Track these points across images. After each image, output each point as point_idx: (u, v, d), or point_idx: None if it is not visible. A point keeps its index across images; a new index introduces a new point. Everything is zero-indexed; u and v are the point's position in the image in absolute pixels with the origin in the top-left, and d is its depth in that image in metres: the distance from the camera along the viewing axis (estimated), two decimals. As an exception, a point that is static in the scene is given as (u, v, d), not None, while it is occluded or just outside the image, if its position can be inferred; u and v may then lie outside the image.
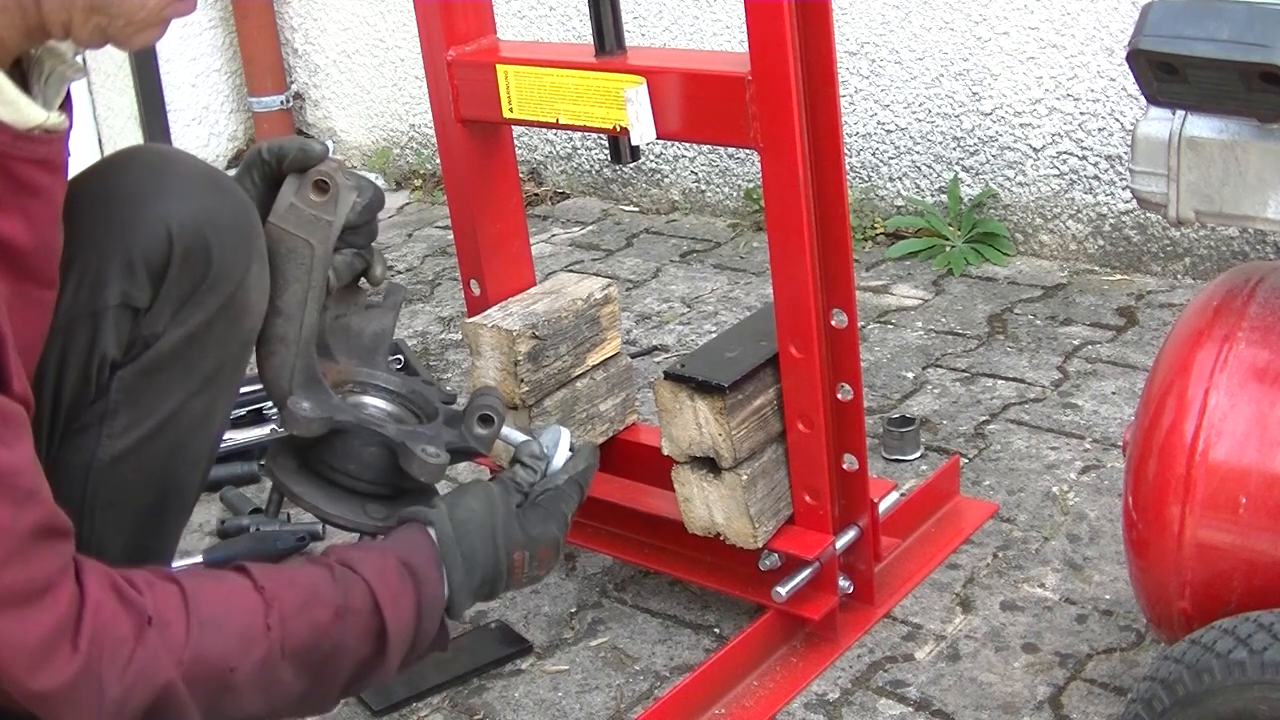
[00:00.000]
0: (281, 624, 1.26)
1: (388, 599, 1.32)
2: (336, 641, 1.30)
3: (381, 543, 1.39)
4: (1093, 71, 2.79)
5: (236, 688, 1.24)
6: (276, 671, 1.27)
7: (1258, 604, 1.32)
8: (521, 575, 1.44)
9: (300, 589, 1.29)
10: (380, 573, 1.34)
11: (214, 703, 1.24)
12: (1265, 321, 1.39)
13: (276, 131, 4.04)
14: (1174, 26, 1.24)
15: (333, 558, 1.35)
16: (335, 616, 1.29)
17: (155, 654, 1.18)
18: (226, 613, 1.24)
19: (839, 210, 1.60)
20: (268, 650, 1.25)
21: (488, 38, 1.86)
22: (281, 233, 1.46)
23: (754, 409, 1.70)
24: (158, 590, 1.21)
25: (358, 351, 1.58)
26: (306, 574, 1.32)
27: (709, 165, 3.39)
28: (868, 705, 1.73)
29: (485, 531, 1.41)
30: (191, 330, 1.39)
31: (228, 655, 1.23)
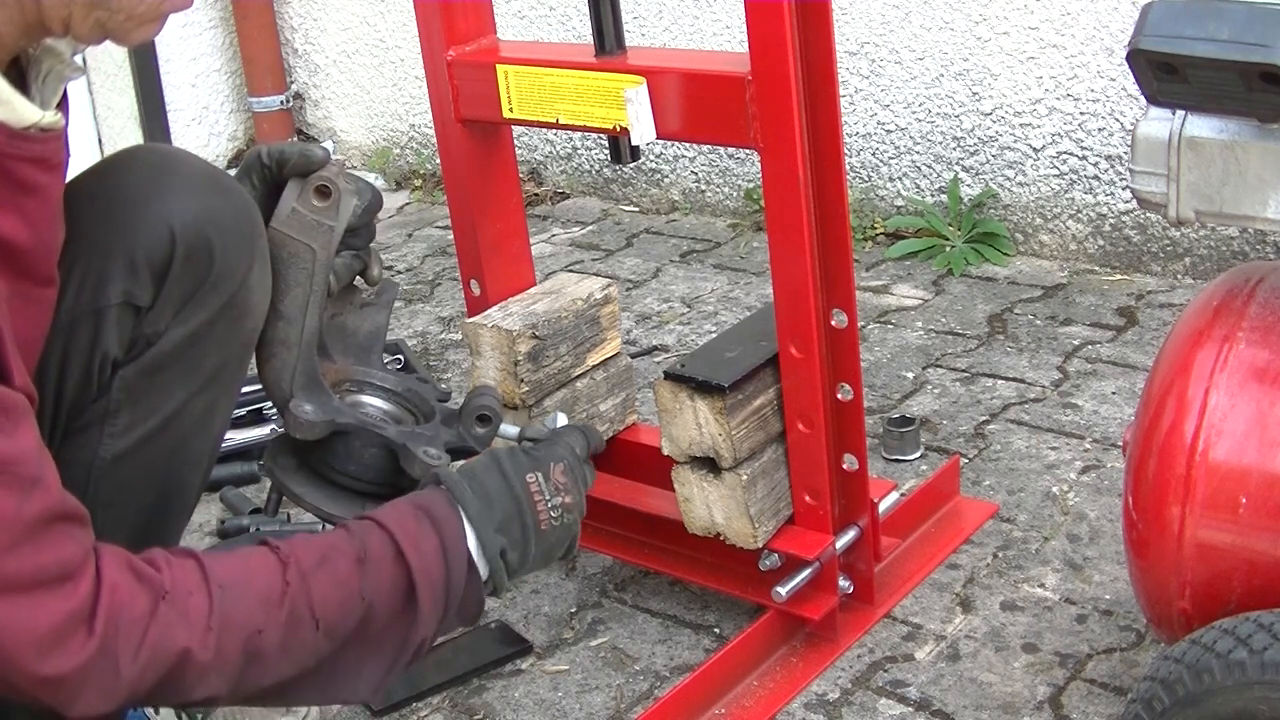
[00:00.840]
0: (302, 579, 1.25)
1: (407, 541, 1.30)
2: (362, 592, 1.27)
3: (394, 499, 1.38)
4: (1093, 71, 2.79)
5: (263, 653, 1.23)
6: (302, 630, 1.25)
7: (1258, 604, 1.32)
8: (544, 506, 1.40)
9: (316, 546, 1.29)
10: (398, 520, 1.32)
11: (241, 670, 1.23)
12: (1265, 321, 1.39)
13: (276, 131, 4.04)
14: (1174, 26, 1.24)
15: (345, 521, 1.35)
16: (356, 564, 1.28)
17: (170, 626, 1.18)
18: (245, 576, 1.24)
19: (839, 210, 1.60)
20: (291, 608, 1.24)
21: (488, 38, 1.86)
22: (284, 237, 1.46)
23: (754, 409, 1.70)
24: (175, 565, 1.21)
25: (354, 350, 1.58)
26: (323, 536, 1.32)
27: (709, 165, 3.39)
28: (868, 705, 1.73)
29: (491, 468, 1.40)
30: (193, 329, 1.40)
31: (251, 617, 1.22)
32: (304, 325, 1.48)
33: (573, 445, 1.49)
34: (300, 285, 1.47)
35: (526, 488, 1.40)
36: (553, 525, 1.42)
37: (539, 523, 1.41)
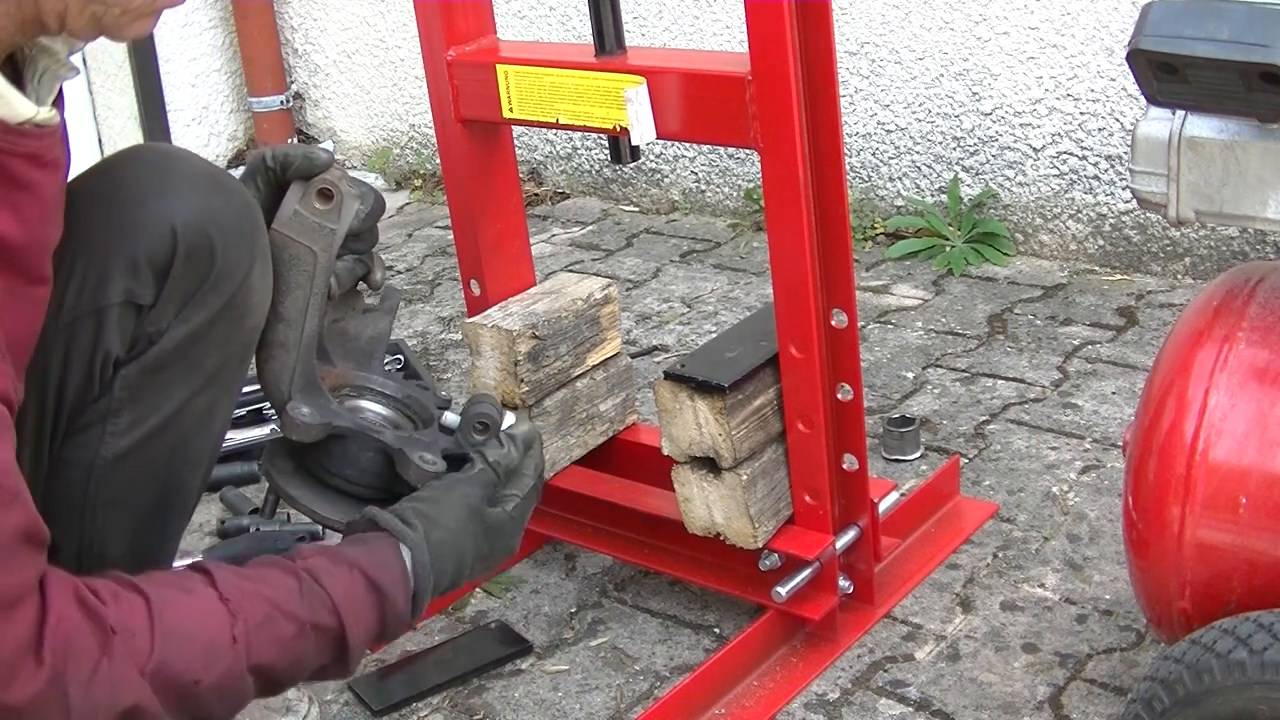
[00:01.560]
0: (246, 638, 1.25)
1: (353, 620, 1.32)
2: (299, 655, 1.30)
3: (352, 553, 1.36)
4: (1093, 71, 2.79)
5: (199, 696, 1.24)
6: (240, 682, 1.26)
7: (1258, 604, 1.32)
8: (467, 575, 1.44)
9: (265, 603, 1.28)
10: (348, 593, 1.33)
11: (178, 709, 1.23)
12: (1265, 321, 1.39)
13: (276, 131, 4.04)
14: (1174, 26, 1.24)
15: (300, 563, 1.33)
16: (299, 633, 1.29)
17: (122, 667, 1.17)
18: (193, 626, 1.23)
19: (839, 210, 1.60)
20: (233, 663, 1.25)
21: (488, 38, 1.86)
22: (285, 239, 1.46)
23: (754, 409, 1.70)
24: (123, 601, 1.20)
25: (355, 355, 1.58)
26: (273, 585, 1.30)
27: (709, 165, 3.39)
28: (868, 705, 1.73)
29: (457, 555, 1.41)
30: (194, 328, 1.40)
31: (192, 668, 1.22)
32: (304, 328, 1.47)
33: (525, 516, 1.49)
34: (301, 288, 1.47)
35: (470, 570, 1.43)
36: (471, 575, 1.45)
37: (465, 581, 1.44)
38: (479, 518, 1.43)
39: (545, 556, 2.10)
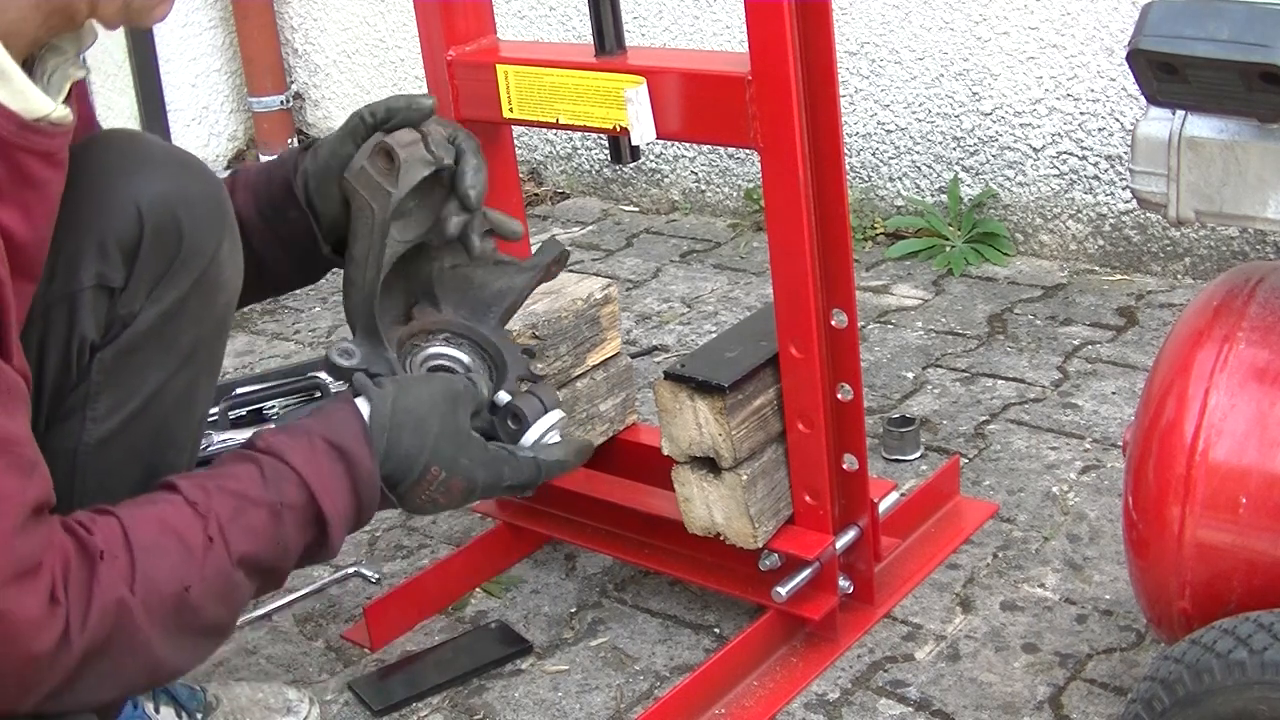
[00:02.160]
0: (221, 534, 1.27)
1: (322, 487, 1.33)
2: (279, 538, 1.31)
3: (309, 423, 1.37)
4: (1093, 71, 2.79)
5: (195, 604, 1.25)
6: (230, 579, 1.28)
7: (1258, 604, 1.32)
8: (423, 493, 1.42)
9: (231, 494, 1.30)
10: (310, 459, 1.34)
11: (179, 622, 1.25)
12: (1265, 321, 1.39)
13: (276, 131, 4.04)
14: (1174, 26, 1.24)
15: (261, 446, 1.35)
16: (272, 516, 1.30)
17: (111, 585, 1.19)
18: (165, 536, 1.25)
19: (839, 210, 1.60)
20: (215, 562, 1.26)
21: (488, 38, 1.86)
22: (352, 190, 1.50)
23: (754, 409, 1.70)
24: (100, 526, 1.22)
25: (471, 303, 1.59)
26: (236, 477, 1.32)
27: (709, 165, 3.39)
28: (868, 705, 1.73)
29: (418, 433, 1.40)
30: (167, 308, 1.40)
31: (176, 576, 1.24)
32: (366, 274, 1.51)
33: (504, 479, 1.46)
34: (364, 237, 1.50)
35: (427, 471, 1.40)
36: (417, 503, 1.44)
37: (412, 492, 1.42)
38: (456, 412, 1.42)
39: (545, 556, 2.10)
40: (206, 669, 1.91)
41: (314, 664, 1.91)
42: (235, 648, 1.96)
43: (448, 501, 1.45)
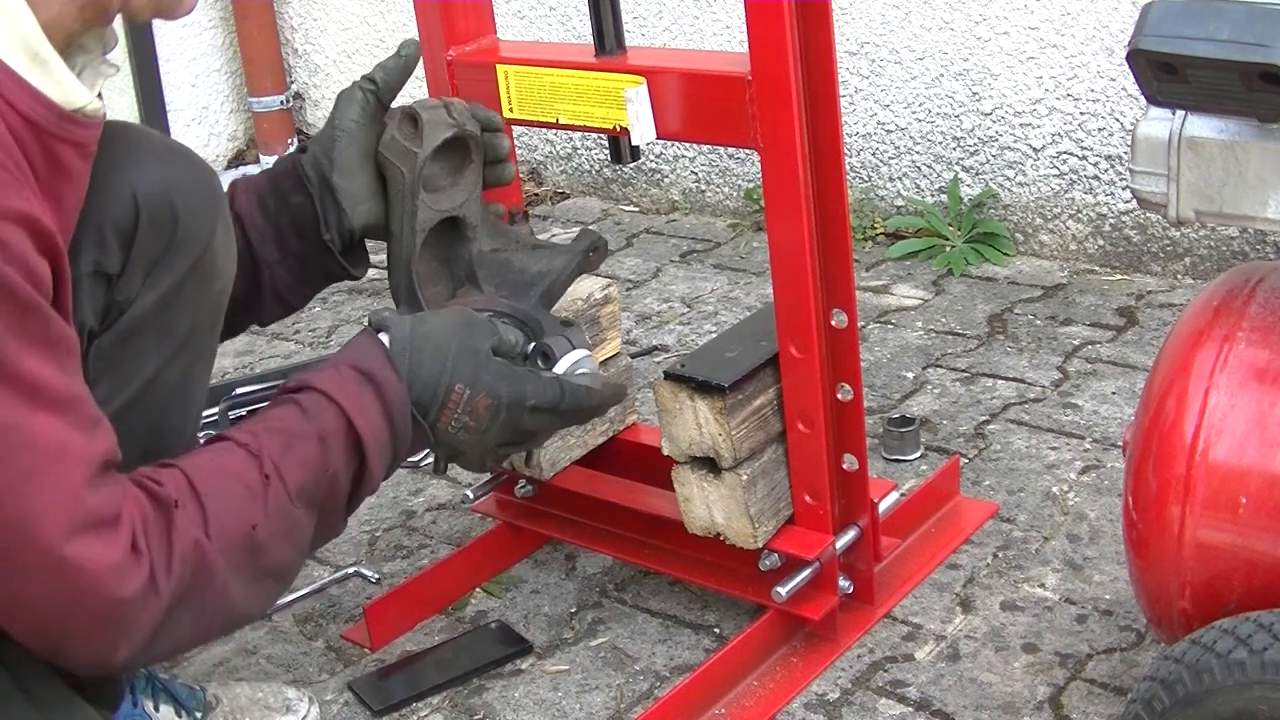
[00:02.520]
0: (276, 470, 1.30)
1: (355, 409, 1.36)
2: (327, 466, 1.34)
3: (335, 356, 1.42)
4: (1093, 71, 2.79)
5: (263, 544, 1.29)
6: (291, 515, 1.31)
7: (1258, 604, 1.32)
8: (450, 418, 1.43)
9: (279, 432, 1.33)
10: (340, 386, 1.37)
11: (250, 564, 1.29)
12: (1265, 321, 1.39)
13: (276, 131, 4.04)
14: (1174, 26, 1.24)
15: (291, 385, 1.39)
16: (319, 446, 1.34)
17: (188, 531, 1.23)
18: (226, 479, 1.28)
19: (839, 210, 1.60)
20: (275, 498, 1.30)
21: (488, 38, 1.86)
22: (385, 160, 1.60)
23: (754, 409, 1.70)
24: (166, 477, 1.26)
25: (511, 285, 1.65)
26: (280, 417, 1.36)
27: (709, 165, 3.39)
28: (868, 705, 1.73)
29: (438, 351, 1.42)
30: (162, 294, 1.41)
31: (243, 517, 1.27)
32: (403, 242, 1.60)
33: (528, 396, 1.47)
34: (397, 204, 1.60)
35: (450, 392, 1.42)
36: (449, 432, 1.45)
37: (439, 420, 1.43)
38: (473, 335, 1.45)
39: (545, 556, 2.10)
40: (206, 669, 1.91)
41: (314, 664, 1.91)
42: (235, 648, 1.96)
43: (477, 426, 1.45)
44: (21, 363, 1.12)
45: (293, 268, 1.63)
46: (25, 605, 1.18)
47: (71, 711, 1.34)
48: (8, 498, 1.12)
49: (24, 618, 1.19)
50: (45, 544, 1.14)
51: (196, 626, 1.27)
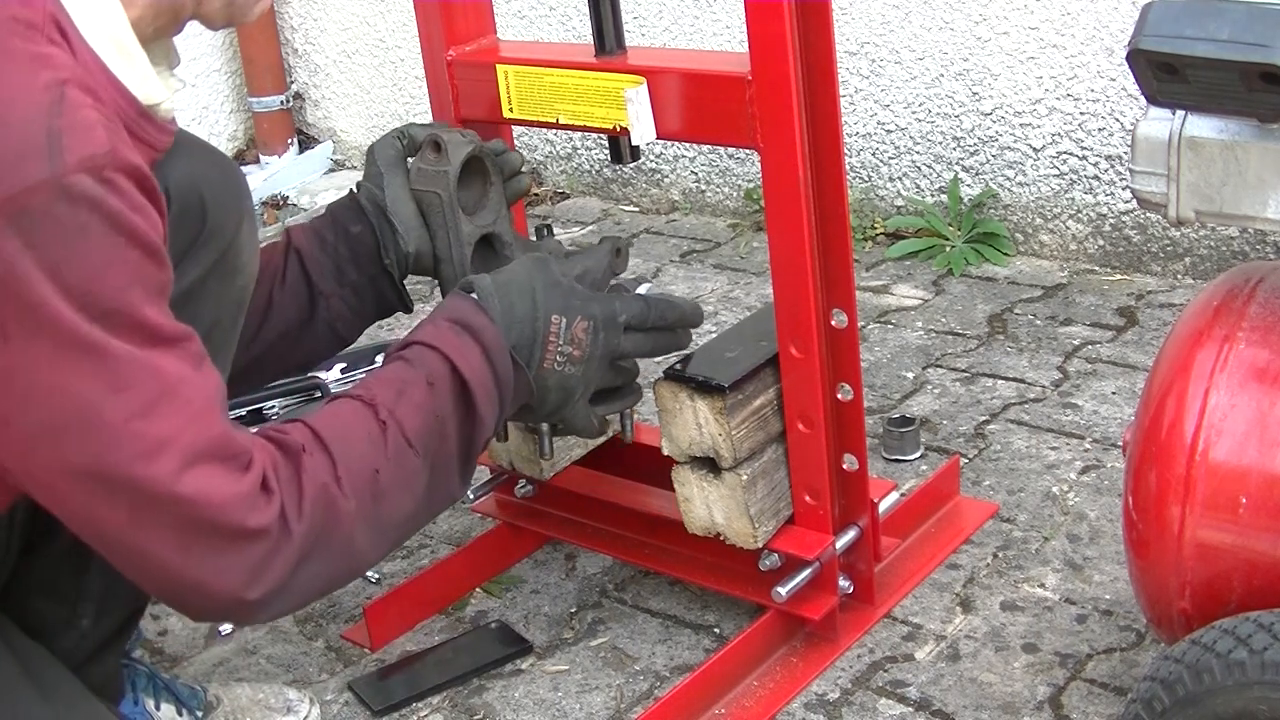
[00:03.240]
0: (391, 415, 1.34)
1: (457, 354, 1.40)
2: (437, 411, 1.37)
3: (431, 315, 1.47)
4: (1093, 71, 2.79)
5: (386, 490, 1.31)
6: (409, 461, 1.34)
7: (1258, 604, 1.32)
8: (554, 352, 1.49)
9: (389, 382, 1.38)
10: (439, 335, 1.42)
11: (374, 511, 1.31)
12: (1265, 321, 1.39)
13: (277, 131, 4.04)
14: (1174, 26, 1.24)
15: (391, 347, 1.44)
16: (428, 387, 1.38)
17: (316, 475, 1.25)
18: (346, 426, 1.32)
19: (839, 210, 1.60)
20: (394, 442, 1.33)
21: (488, 38, 1.86)
22: (420, 194, 1.69)
23: (754, 409, 1.70)
24: (289, 428, 1.29)
25: None
26: (387, 370, 1.40)
27: (709, 165, 3.39)
28: (868, 705, 1.73)
29: (524, 290, 1.48)
30: (188, 286, 1.42)
31: (367, 461, 1.30)
32: (453, 261, 1.69)
33: (618, 312, 1.55)
34: (442, 228, 1.68)
35: (548, 324, 1.48)
36: (554, 369, 1.50)
37: (544, 359, 1.49)
38: (550, 271, 1.52)
39: (545, 556, 2.10)
40: (206, 669, 1.92)
41: (314, 664, 1.91)
42: (235, 648, 1.96)
43: (581, 355, 1.51)
44: (143, 308, 1.13)
45: (349, 299, 1.68)
46: (157, 542, 1.17)
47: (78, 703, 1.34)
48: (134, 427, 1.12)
49: (157, 557, 1.18)
50: (170, 471, 1.14)
51: (326, 574, 1.28)
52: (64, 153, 1.06)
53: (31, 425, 1.10)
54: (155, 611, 2.01)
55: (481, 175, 1.72)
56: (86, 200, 1.07)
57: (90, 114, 1.09)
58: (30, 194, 1.05)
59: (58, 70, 1.09)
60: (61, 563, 1.49)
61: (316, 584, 1.28)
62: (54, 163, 1.05)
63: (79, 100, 1.09)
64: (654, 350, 1.62)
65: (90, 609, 1.51)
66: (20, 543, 1.44)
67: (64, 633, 1.49)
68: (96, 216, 1.08)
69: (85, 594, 1.51)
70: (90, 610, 1.51)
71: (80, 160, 1.07)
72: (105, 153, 1.09)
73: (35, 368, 1.08)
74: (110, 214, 1.09)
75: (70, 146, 1.06)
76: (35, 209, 1.05)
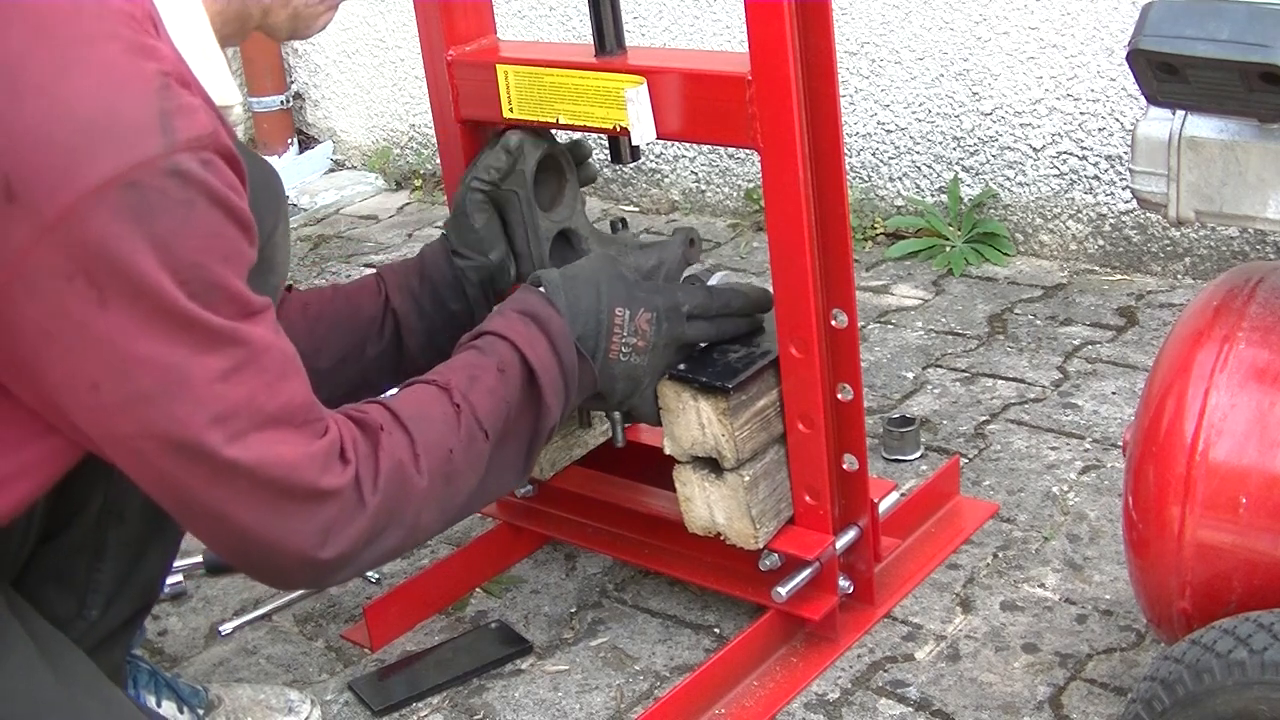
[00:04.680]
0: (465, 399, 1.40)
1: (524, 342, 1.48)
2: (507, 397, 1.44)
3: (499, 308, 1.55)
4: (1093, 71, 2.79)
5: (456, 470, 1.38)
6: (477, 443, 1.40)
7: (1258, 604, 1.32)
8: (619, 343, 1.57)
9: (462, 368, 1.44)
10: (508, 324, 1.50)
11: (445, 490, 1.36)
12: (1265, 321, 1.39)
13: (276, 131, 4.04)
14: (1174, 26, 1.24)
15: (466, 336, 1.52)
16: (499, 374, 1.44)
17: (392, 455, 1.30)
18: (424, 407, 1.38)
19: (839, 210, 1.60)
20: (467, 425, 1.39)
21: (488, 38, 1.86)
22: (497, 195, 1.76)
23: (757, 410, 1.70)
24: (368, 408, 1.34)
25: None
26: (459, 358, 1.47)
27: (709, 165, 3.39)
28: (868, 705, 1.73)
29: (590, 283, 1.56)
30: None
31: (443, 441, 1.36)
32: (530, 256, 1.76)
33: (682, 303, 1.63)
34: (519, 225, 1.75)
35: (612, 317, 1.56)
36: (620, 358, 1.58)
37: (609, 350, 1.56)
38: (611, 264, 1.59)
39: (545, 556, 2.10)
40: (206, 669, 1.92)
41: (314, 664, 1.91)
42: (235, 648, 1.96)
43: (645, 345, 1.59)
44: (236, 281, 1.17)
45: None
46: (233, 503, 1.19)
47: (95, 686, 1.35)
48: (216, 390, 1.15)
49: (233, 518, 1.20)
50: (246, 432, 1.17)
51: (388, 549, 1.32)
52: (175, 132, 1.10)
53: (122, 392, 1.13)
54: (155, 612, 2.01)
55: (556, 173, 1.79)
56: (194, 178, 1.11)
57: (194, 100, 1.14)
58: (142, 168, 1.08)
59: (161, 62, 1.13)
60: (76, 553, 1.50)
61: (381, 556, 1.32)
62: (166, 140, 1.09)
63: (181, 89, 1.13)
64: (719, 336, 1.69)
65: (99, 600, 1.53)
66: (39, 531, 1.45)
67: (72, 623, 1.51)
68: (202, 194, 1.12)
69: (96, 585, 1.52)
70: (99, 602, 1.53)
71: (189, 140, 1.11)
72: (209, 134, 1.13)
73: (131, 337, 1.11)
74: (213, 192, 1.13)
75: (180, 127, 1.10)
76: (147, 184, 1.08)
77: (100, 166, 1.07)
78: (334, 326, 1.75)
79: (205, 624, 2.01)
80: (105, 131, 1.08)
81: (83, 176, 1.07)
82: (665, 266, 1.69)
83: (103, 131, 1.08)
